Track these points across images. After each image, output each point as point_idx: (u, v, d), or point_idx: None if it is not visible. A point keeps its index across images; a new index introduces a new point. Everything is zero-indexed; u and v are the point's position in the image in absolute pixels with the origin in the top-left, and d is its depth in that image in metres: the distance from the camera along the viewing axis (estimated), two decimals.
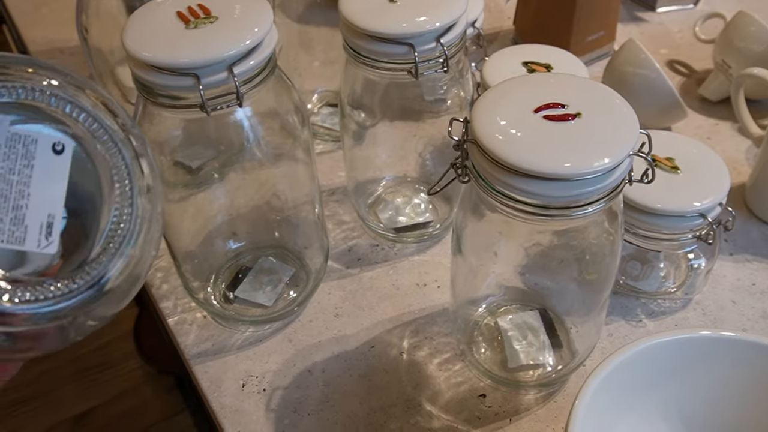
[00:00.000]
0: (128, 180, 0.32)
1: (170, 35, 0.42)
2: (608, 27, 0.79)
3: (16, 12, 0.98)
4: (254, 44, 0.42)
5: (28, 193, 0.29)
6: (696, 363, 0.42)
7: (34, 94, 0.30)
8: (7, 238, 0.29)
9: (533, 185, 0.39)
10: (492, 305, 0.56)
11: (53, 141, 0.30)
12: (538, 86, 0.42)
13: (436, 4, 0.50)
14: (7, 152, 0.29)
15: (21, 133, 0.29)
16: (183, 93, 0.42)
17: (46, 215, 0.30)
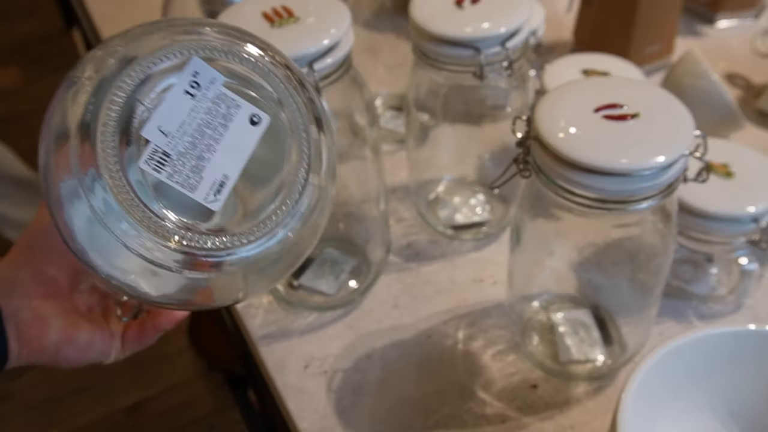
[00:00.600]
0: (307, 154, 0.34)
1: (258, 35, 0.46)
2: (667, 39, 0.81)
3: (96, 14, 1.04)
4: (332, 44, 0.45)
5: (215, 149, 0.32)
6: (745, 357, 0.43)
7: (250, 64, 0.33)
8: (183, 181, 0.31)
9: (592, 179, 0.41)
10: (546, 302, 0.59)
11: (253, 112, 0.33)
12: (599, 88, 0.45)
13: (501, 10, 0.53)
14: (211, 107, 0.32)
15: (229, 95, 0.32)
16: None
17: (222, 174, 0.32)
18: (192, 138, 0.31)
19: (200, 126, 0.32)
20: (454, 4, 0.53)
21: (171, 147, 0.31)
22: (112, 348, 0.42)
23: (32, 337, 0.38)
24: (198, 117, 0.32)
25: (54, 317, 0.39)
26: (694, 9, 0.91)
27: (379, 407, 0.53)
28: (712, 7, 0.89)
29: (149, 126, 0.31)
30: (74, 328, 0.40)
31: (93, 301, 0.42)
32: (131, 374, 1.56)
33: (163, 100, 0.31)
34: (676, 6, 0.79)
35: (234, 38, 0.34)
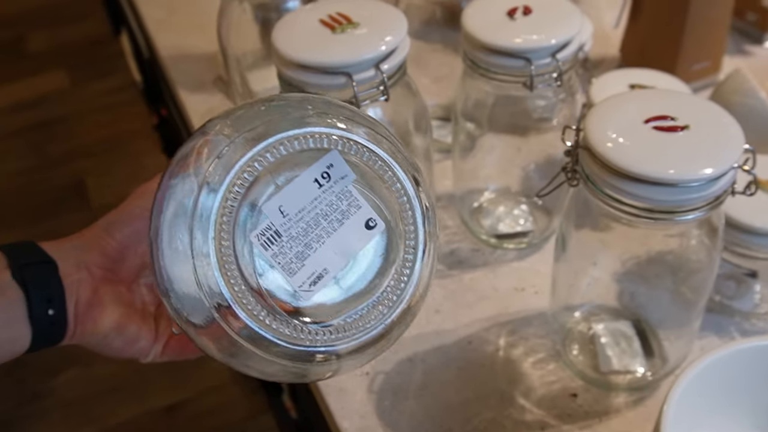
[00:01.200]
0: (414, 249, 0.34)
1: (321, 40, 0.47)
2: (714, 57, 0.81)
3: (149, 19, 1.07)
4: (396, 44, 0.47)
5: (324, 241, 0.32)
6: None
7: (384, 170, 0.33)
8: (285, 264, 0.32)
9: (640, 189, 0.42)
10: (588, 312, 0.59)
11: (371, 217, 0.33)
12: (649, 100, 0.45)
13: (552, 22, 0.53)
14: (334, 201, 0.32)
15: (353, 194, 0.33)
16: (332, 91, 0.47)
17: (323, 268, 0.32)
18: (306, 225, 0.32)
19: (318, 216, 0.32)
20: (506, 14, 0.54)
21: (285, 228, 0.32)
22: (153, 350, 0.43)
23: (88, 319, 0.39)
24: (318, 207, 0.32)
25: (111, 304, 0.40)
26: (743, 28, 0.90)
27: (418, 410, 0.54)
28: (761, 27, 0.89)
29: (271, 203, 0.31)
30: (127, 319, 0.41)
31: (149, 298, 0.43)
32: (168, 376, 1.58)
33: (292, 182, 0.31)
34: (724, 23, 0.79)
35: (373, 131, 0.34)
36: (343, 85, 0.46)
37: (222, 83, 0.91)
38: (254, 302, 0.31)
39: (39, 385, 1.58)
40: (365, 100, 0.47)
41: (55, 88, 2.49)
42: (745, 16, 0.90)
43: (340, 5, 0.51)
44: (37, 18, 2.79)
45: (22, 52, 2.64)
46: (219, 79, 0.92)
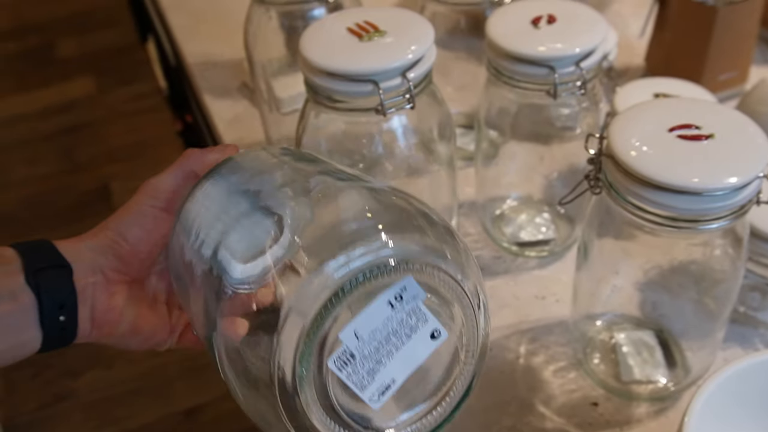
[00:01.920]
0: (473, 351, 0.36)
1: (349, 48, 0.48)
2: (741, 67, 0.80)
3: (176, 27, 1.08)
4: (422, 53, 0.47)
5: (393, 356, 0.33)
6: None
7: (450, 290, 0.34)
8: (357, 381, 0.32)
9: (663, 197, 0.42)
10: (609, 321, 0.59)
11: (436, 328, 0.34)
12: (673, 108, 0.45)
13: (576, 31, 0.54)
14: (404, 318, 0.33)
15: (423, 311, 0.33)
16: (359, 98, 0.47)
17: (390, 378, 0.33)
18: (378, 344, 0.33)
19: (389, 334, 0.33)
20: (530, 23, 0.55)
21: (358, 350, 0.32)
22: (169, 341, 0.44)
23: (105, 323, 0.40)
24: (390, 326, 0.33)
25: (126, 306, 0.41)
26: None
27: None
28: None
29: (348, 329, 0.31)
30: (142, 321, 0.42)
31: (160, 287, 0.44)
32: (188, 379, 1.60)
33: (367, 307, 0.32)
34: (752, 34, 0.79)
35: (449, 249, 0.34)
36: (369, 93, 0.47)
37: (247, 90, 0.92)
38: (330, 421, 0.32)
39: (60, 386, 1.60)
40: (391, 108, 0.48)
41: (83, 93, 2.52)
42: None
43: (368, 14, 0.52)
44: (67, 25, 2.84)
45: (51, 59, 2.68)
46: (244, 85, 0.93)
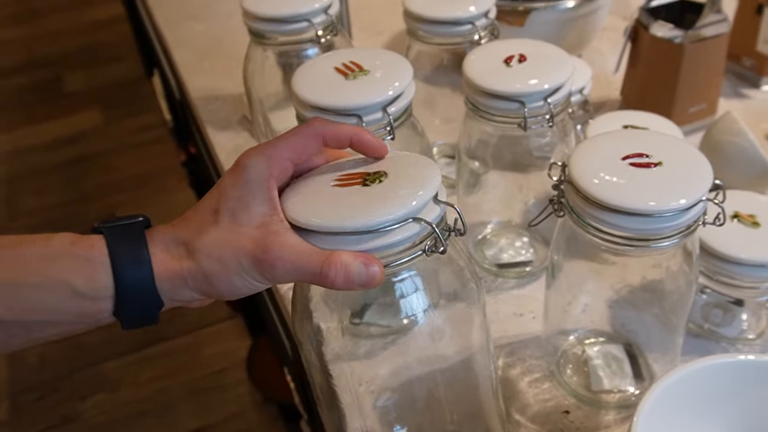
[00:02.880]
0: None
1: (335, 85, 0.53)
2: (710, 100, 0.86)
3: (181, 63, 1.14)
4: (402, 90, 0.53)
5: None
6: (753, 385, 0.47)
7: None
8: None
9: (618, 219, 0.47)
10: (581, 336, 0.63)
11: None
12: (628, 139, 0.50)
13: (545, 69, 0.59)
14: None
15: None
16: None
17: None
18: None
19: None
20: (503, 62, 0.60)
21: None
22: None
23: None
24: None
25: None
26: (739, 72, 0.95)
27: (424, 422, 0.58)
28: (757, 71, 0.94)
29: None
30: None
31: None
32: (191, 402, 1.64)
33: None
34: (719, 69, 0.84)
35: None
36: None
37: (247, 122, 0.97)
38: None
39: (68, 409, 1.64)
40: None
41: (90, 125, 2.60)
42: (741, 61, 0.95)
43: (354, 54, 0.57)
44: (75, 59, 2.92)
45: (59, 92, 2.76)
46: (244, 118, 0.98)
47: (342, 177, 0.41)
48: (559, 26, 0.93)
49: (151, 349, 1.80)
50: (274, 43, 0.70)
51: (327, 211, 0.39)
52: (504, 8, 0.89)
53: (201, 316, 1.86)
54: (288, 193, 0.42)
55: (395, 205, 0.38)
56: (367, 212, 0.38)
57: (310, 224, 0.39)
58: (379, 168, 0.41)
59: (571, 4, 0.91)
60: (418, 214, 0.39)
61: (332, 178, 0.42)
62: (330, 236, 0.39)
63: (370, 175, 0.41)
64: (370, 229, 0.38)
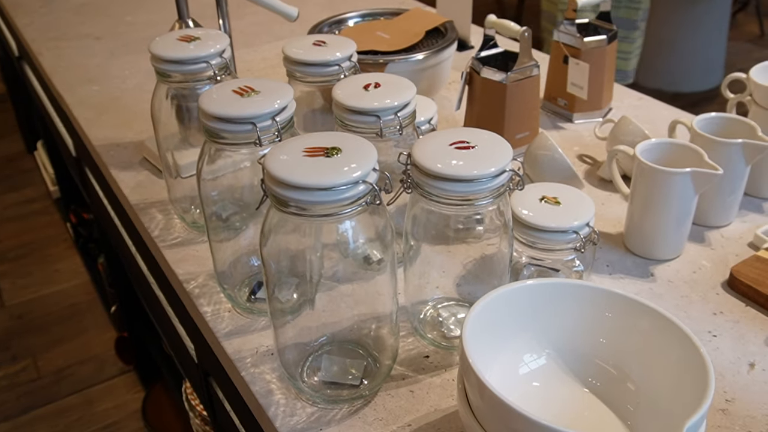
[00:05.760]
0: None
1: (234, 101, 0.69)
2: (532, 128, 1.07)
3: (81, 118, 1.26)
4: (286, 103, 0.69)
5: None
6: (554, 302, 0.65)
7: None
8: None
9: (448, 185, 0.64)
10: (436, 302, 0.80)
11: None
12: (452, 134, 0.69)
13: (396, 92, 0.77)
14: None
15: None
16: (244, 136, 0.68)
17: None
18: None
19: None
20: (363, 88, 0.78)
21: None
22: None
23: None
24: None
25: None
26: (556, 110, 1.19)
27: None
28: (570, 109, 1.17)
29: None
30: None
31: None
32: None
33: None
34: (536, 103, 1.06)
35: None
36: (250, 131, 0.68)
37: (147, 163, 1.10)
38: None
39: None
40: (265, 142, 0.69)
41: None
42: (557, 101, 1.18)
43: (247, 82, 0.73)
44: None
45: None
46: (145, 159, 1.11)
47: (310, 150, 0.61)
48: (411, 75, 1.13)
49: (41, 410, 1.81)
50: (175, 81, 0.85)
51: (304, 172, 0.58)
52: (366, 60, 1.08)
53: (91, 375, 1.89)
54: (269, 157, 0.59)
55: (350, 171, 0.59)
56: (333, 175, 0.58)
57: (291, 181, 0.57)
58: (335, 144, 0.61)
59: (421, 57, 1.12)
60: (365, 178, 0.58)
61: (303, 151, 0.61)
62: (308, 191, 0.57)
63: (329, 149, 0.60)
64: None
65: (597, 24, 1.17)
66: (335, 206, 0.59)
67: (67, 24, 1.73)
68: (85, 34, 1.66)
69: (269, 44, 1.55)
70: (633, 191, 0.87)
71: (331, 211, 0.59)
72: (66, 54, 1.55)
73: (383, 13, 1.28)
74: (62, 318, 2.09)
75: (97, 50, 1.57)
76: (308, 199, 0.58)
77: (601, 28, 1.17)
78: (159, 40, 0.86)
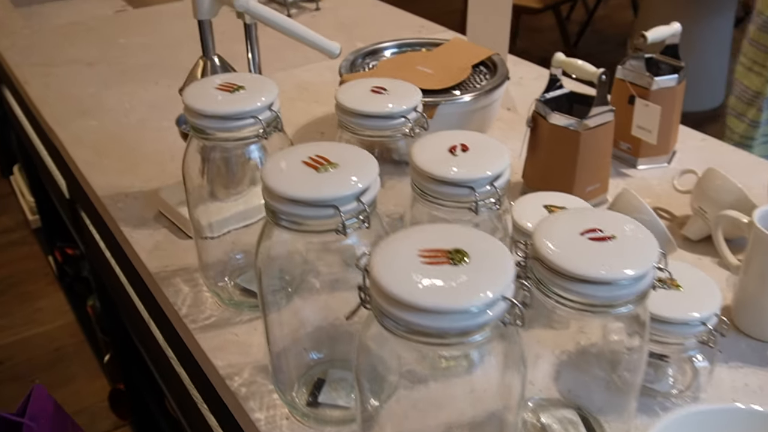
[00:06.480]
0: None
1: (308, 178, 0.55)
2: (602, 179, 0.95)
3: (81, 161, 1.11)
4: (372, 181, 0.56)
5: None
6: None
7: None
8: None
9: (581, 287, 0.51)
10: (535, 404, 0.67)
11: None
12: (579, 217, 0.56)
13: (489, 157, 0.64)
14: None
15: None
16: (320, 221, 0.55)
17: None
18: None
19: None
20: (448, 151, 0.65)
21: None
22: None
23: None
24: None
25: None
26: (618, 155, 1.07)
27: None
28: (634, 153, 1.05)
29: None
30: None
31: None
32: None
33: None
34: (608, 152, 0.94)
35: None
36: (332, 216, 0.54)
37: (164, 218, 0.96)
38: None
39: None
40: (350, 228, 0.55)
41: None
42: (619, 144, 1.06)
43: (318, 149, 0.60)
44: None
45: None
46: (160, 214, 0.97)
47: (428, 255, 0.47)
48: (462, 117, 1.01)
49: None
50: (215, 139, 0.71)
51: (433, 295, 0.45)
52: None
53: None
54: (377, 262, 0.47)
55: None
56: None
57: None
58: (458, 246, 0.48)
59: (471, 98, 0.99)
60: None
61: (418, 255, 0.47)
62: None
63: (452, 254, 0.47)
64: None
65: (663, 60, 1.06)
66: (468, 332, 0.45)
67: (54, 47, 1.58)
68: (74, 59, 1.51)
69: (283, 72, 1.41)
70: (748, 263, 0.75)
71: (457, 341, 0.45)
72: (55, 82, 1.40)
73: (422, 44, 1.16)
74: (47, 364, 1.91)
75: (90, 78, 1.42)
76: (439, 325, 0.44)
77: (667, 64, 1.05)
78: (194, 90, 0.72)
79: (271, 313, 0.65)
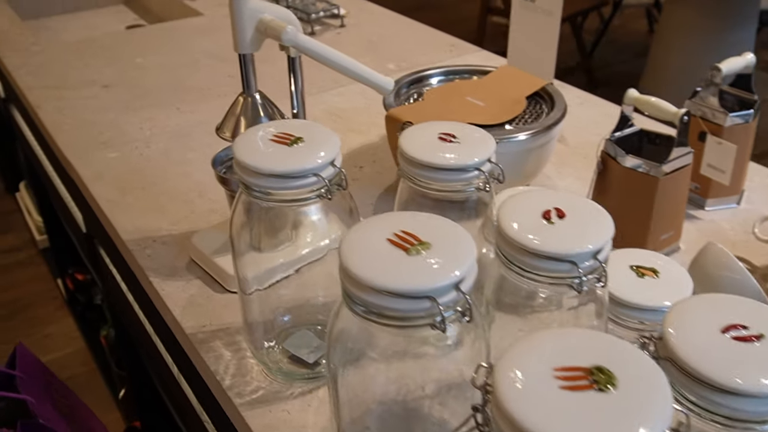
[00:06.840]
0: None
1: (396, 262, 0.47)
2: (676, 227, 0.87)
3: (102, 200, 1.03)
4: (472, 264, 0.48)
5: None
6: None
7: None
8: None
9: (730, 400, 0.43)
10: None
11: None
12: (721, 307, 0.48)
13: (590, 226, 0.56)
14: None
15: None
16: (415, 317, 0.46)
17: None
18: None
19: None
20: (542, 217, 0.57)
21: None
22: None
23: None
24: None
25: None
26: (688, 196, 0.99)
27: None
28: (703, 194, 0.97)
29: None
30: None
31: None
32: None
33: None
34: (684, 197, 0.86)
35: None
36: (429, 309, 0.46)
37: (197, 268, 0.88)
38: None
39: None
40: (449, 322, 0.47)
41: None
42: None
43: (405, 223, 0.52)
44: None
45: None
46: (193, 263, 0.89)
47: (566, 376, 0.39)
48: (518, 156, 0.93)
49: None
50: (271, 199, 0.63)
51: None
52: None
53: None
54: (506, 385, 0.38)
55: None
56: None
57: None
58: (601, 363, 0.39)
59: (527, 136, 0.91)
60: None
61: (554, 374, 0.39)
62: None
63: (597, 375, 0.39)
64: None
65: (734, 93, 0.98)
66: None
67: (67, 67, 1.49)
68: (89, 81, 1.43)
69: (311, 97, 1.33)
70: None
71: None
72: (70, 107, 1.32)
73: (469, 71, 1.07)
74: None
75: (108, 102, 1.34)
76: None
77: (736, 97, 0.97)
78: (245, 140, 0.64)
79: (341, 388, 0.57)
